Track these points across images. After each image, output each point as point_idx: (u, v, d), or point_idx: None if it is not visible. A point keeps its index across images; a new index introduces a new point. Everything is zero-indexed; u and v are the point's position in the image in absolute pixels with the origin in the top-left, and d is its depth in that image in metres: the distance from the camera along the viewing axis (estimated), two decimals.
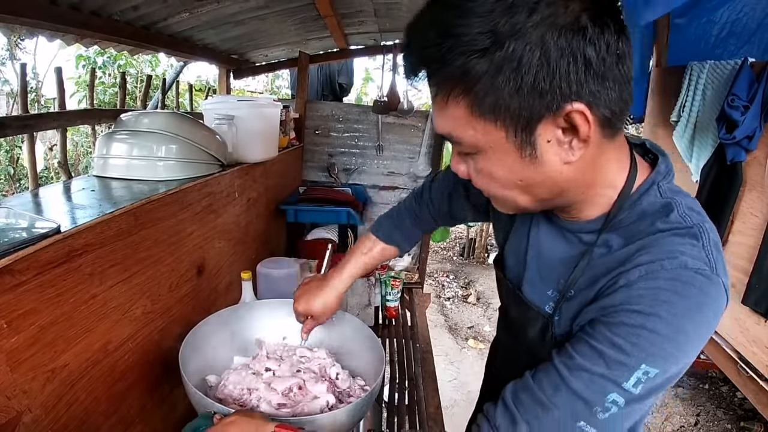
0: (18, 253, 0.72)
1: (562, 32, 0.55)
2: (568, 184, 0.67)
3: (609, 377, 0.62)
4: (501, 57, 0.56)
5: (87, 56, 5.92)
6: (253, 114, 1.75)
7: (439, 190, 1.14)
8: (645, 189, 0.71)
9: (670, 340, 0.61)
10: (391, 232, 1.20)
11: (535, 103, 0.58)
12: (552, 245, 0.82)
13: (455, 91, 0.60)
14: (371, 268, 1.22)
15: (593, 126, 0.60)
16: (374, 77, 8.50)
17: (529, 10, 0.54)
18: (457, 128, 0.64)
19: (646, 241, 0.66)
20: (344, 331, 1.33)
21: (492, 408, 0.73)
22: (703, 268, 0.62)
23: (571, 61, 0.56)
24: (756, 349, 2.36)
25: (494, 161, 0.65)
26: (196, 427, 0.87)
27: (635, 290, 0.63)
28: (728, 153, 2.51)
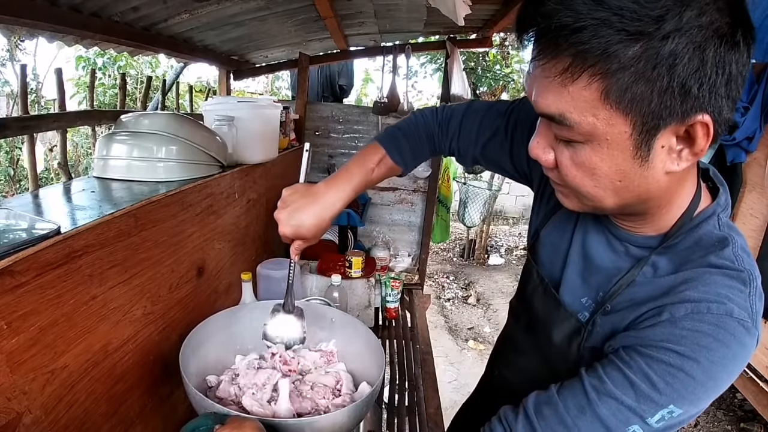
0: (18, 254, 0.72)
1: (722, 42, 0.52)
2: (657, 194, 0.65)
3: (636, 410, 0.62)
4: (662, 49, 0.52)
5: (87, 57, 5.93)
6: (253, 115, 1.75)
7: (474, 130, 1.01)
8: (705, 217, 0.69)
9: (702, 385, 0.61)
10: (403, 150, 1.04)
11: (673, 106, 0.55)
12: (598, 251, 0.79)
13: (592, 69, 0.54)
14: (372, 185, 1.04)
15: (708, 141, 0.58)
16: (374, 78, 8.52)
17: (700, 10, 0.51)
18: (575, 110, 0.57)
19: (696, 273, 0.65)
20: (344, 332, 1.33)
21: (511, 415, 0.73)
22: (746, 320, 0.62)
23: (720, 73, 0.53)
24: (756, 350, 2.36)
25: (604, 155, 0.60)
26: (196, 427, 0.87)
27: (678, 329, 0.62)
28: (728, 154, 2.51)
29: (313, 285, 1.91)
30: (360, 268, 1.99)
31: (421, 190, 3.04)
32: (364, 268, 2.01)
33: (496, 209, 6.73)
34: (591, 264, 0.80)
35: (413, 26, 2.73)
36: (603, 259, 0.78)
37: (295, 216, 0.96)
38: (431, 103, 8.80)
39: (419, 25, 2.68)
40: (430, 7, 2.03)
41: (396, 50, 2.86)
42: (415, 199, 3.06)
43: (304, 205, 0.96)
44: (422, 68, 8.10)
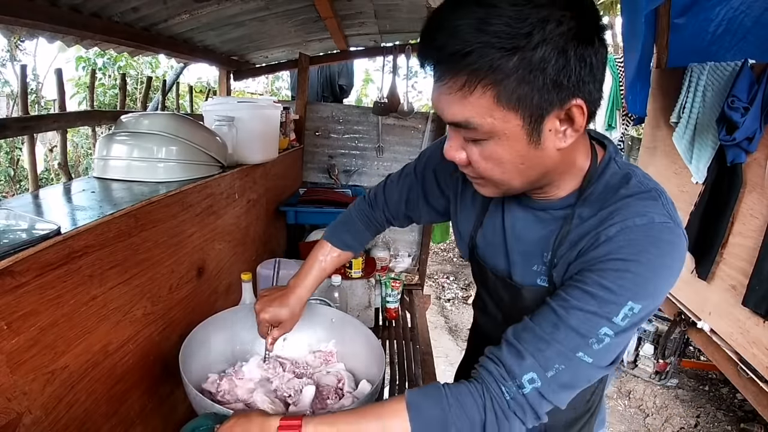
0: (18, 255, 0.72)
1: (579, 42, 0.66)
2: (554, 166, 0.78)
3: (600, 314, 0.73)
4: (533, 57, 0.65)
5: (87, 58, 5.93)
6: (253, 115, 1.75)
7: (395, 194, 1.20)
8: (605, 164, 0.83)
9: (650, 280, 0.73)
10: (344, 238, 1.23)
11: (551, 98, 0.68)
12: (528, 227, 0.91)
13: (484, 81, 0.67)
14: (329, 274, 1.24)
15: (585, 119, 0.71)
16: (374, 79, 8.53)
17: (558, 22, 0.64)
18: (477, 115, 0.70)
19: (616, 205, 0.77)
20: (344, 332, 1.33)
21: (495, 349, 0.81)
22: (668, 222, 0.74)
23: (583, 66, 0.67)
24: (756, 350, 2.36)
25: (505, 146, 0.72)
26: (196, 427, 0.87)
27: (616, 243, 0.74)
28: (728, 154, 2.50)
29: None
30: (360, 268, 1.99)
31: None
32: (364, 268, 2.01)
33: None
34: (527, 240, 0.91)
35: (413, 26, 2.73)
36: (535, 231, 0.90)
37: (271, 307, 1.13)
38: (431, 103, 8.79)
39: (419, 25, 2.65)
40: (430, 8, 2.03)
41: (396, 50, 2.86)
42: None
43: (277, 297, 1.15)
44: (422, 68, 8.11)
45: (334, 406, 1.13)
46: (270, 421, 0.79)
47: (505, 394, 0.75)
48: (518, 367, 0.75)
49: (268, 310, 1.13)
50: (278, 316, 1.13)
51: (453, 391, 0.77)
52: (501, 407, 0.75)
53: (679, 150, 2.92)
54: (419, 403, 0.77)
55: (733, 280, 2.51)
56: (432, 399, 0.77)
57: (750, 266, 2.37)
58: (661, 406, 3.52)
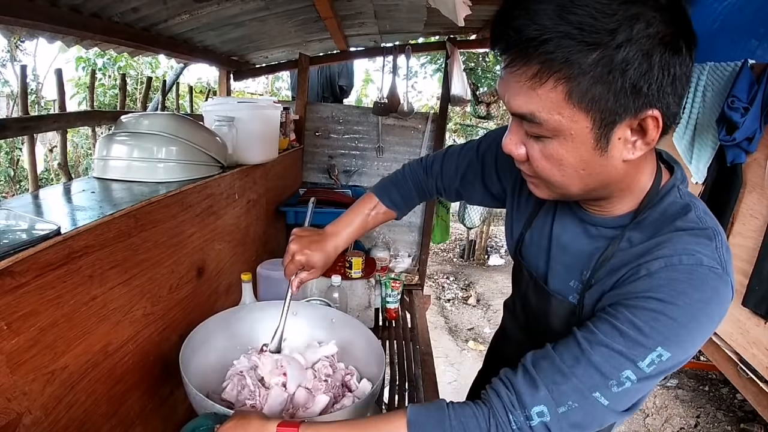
0: (18, 255, 0.72)
1: (666, 49, 0.61)
2: (616, 179, 0.73)
3: (627, 355, 0.68)
4: (615, 57, 0.60)
5: (87, 58, 5.93)
6: (253, 116, 1.75)
7: (453, 166, 1.16)
8: (667, 190, 0.78)
9: (684, 327, 0.67)
10: (394, 197, 1.20)
11: (627, 104, 0.63)
12: (576, 238, 0.87)
13: (557, 74, 0.63)
14: (370, 229, 1.21)
15: (659, 132, 0.67)
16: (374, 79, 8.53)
17: (647, 23, 0.60)
18: (543, 110, 0.66)
19: (666, 237, 0.72)
20: (344, 332, 1.33)
21: (511, 373, 0.77)
22: (716, 267, 0.68)
23: (666, 74, 0.63)
24: (756, 350, 2.36)
25: (569, 148, 0.69)
26: (196, 427, 0.87)
27: (656, 280, 0.69)
28: (728, 155, 2.50)
29: (313, 286, 1.90)
30: (360, 268, 1.99)
31: None
32: (364, 268, 2.01)
33: (496, 210, 6.73)
34: (571, 251, 0.88)
35: (413, 27, 2.73)
36: (581, 245, 0.86)
37: (308, 248, 1.10)
38: (431, 103, 8.80)
39: (419, 25, 2.68)
40: (430, 8, 2.03)
41: (396, 51, 2.86)
42: None
43: (315, 241, 1.12)
44: (422, 69, 8.11)
45: (335, 407, 1.13)
46: (268, 424, 0.79)
47: (512, 423, 0.72)
48: (530, 397, 0.72)
49: (305, 252, 1.10)
50: (312, 261, 1.10)
51: (457, 412, 0.74)
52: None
53: (679, 150, 2.92)
54: (421, 422, 0.75)
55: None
56: (434, 419, 0.74)
57: (750, 266, 2.38)
58: (661, 407, 3.52)
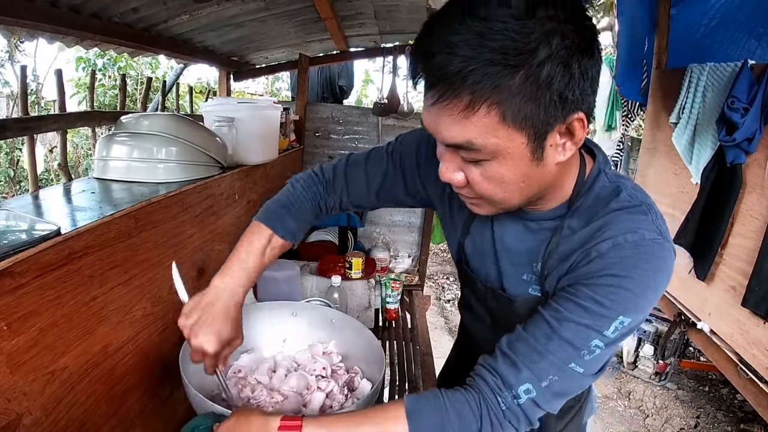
0: (18, 256, 0.72)
1: (582, 55, 0.64)
2: (551, 181, 0.78)
3: (593, 327, 0.75)
4: (540, 73, 0.62)
5: (87, 58, 5.93)
6: (253, 116, 1.75)
7: (362, 179, 1.07)
8: (594, 176, 0.83)
9: (640, 295, 0.74)
10: (289, 226, 1.03)
11: (556, 113, 0.66)
12: (518, 236, 0.91)
13: (489, 101, 0.64)
14: (264, 269, 1.02)
15: (585, 131, 0.71)
16: (374, 79, 8.52)
17: (562, 35, 0.62)
18: (480, 136, 0.67)
19: (606, 219, 0.78)
20: (344, 333, 1.33)
21: (490, 359, 0.81)
22: (658, 238, 0.75)
23: (585, 78, 0.66)
24: (756, 351, 2.35)
25: (509, 166, 0.70)
26: (195, 427, 0.87)
27: (608, 259, 0.75)
28: (728, 155, 2.50)
29: (313, 286, 1.90)
30: (360, 269, 1.99)
31: None
32: (364, 269, 2.01)
33: None
34: (516, 250, 0.91)
35: (413, 27, 2.73)
36: (525, 241, 0.89)
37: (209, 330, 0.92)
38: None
39: (419, 26, 2.67)
40: (430, 8, 2.04)
41: (396, 51, 2.86)
42: None
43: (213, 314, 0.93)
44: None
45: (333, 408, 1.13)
46: (270, 421, 0.80)
47: (501, 404, 0.77)
48: (514, 378, 0.77)
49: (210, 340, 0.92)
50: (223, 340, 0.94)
51: (451, 399, 0.78)
52: (497, 416, 0.77)
53: (679, 150, 2.92)
54: (419, 410, 0.78)
55: (732, 281, 2.51)
56: (431, 406, 0.78)
57: (750, 267, 2.37)
58: (661, 407, 3.52)
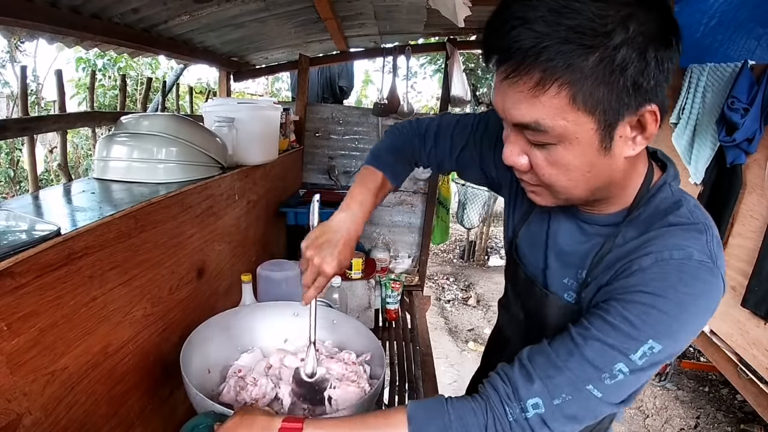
0: (18, 256, 0.72)
1: (659, 44, 0.62)
2: (617, 177, 0.74)
3: (619, 348, 0.69)
4: (615, 57, 0.61)
5: (87, 59, 5.93)
6: (253, 116, 1.75)
7: (448, 144, 1.10)
8: (659, 187, 0.79)
9: (675, 319, 0.68)
10: (397, 170, 1.11)
11: (629, 102, 0.64)
12: (572, 236, 0.88)
13: (560, 80, 0.62)
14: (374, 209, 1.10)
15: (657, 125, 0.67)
16: (374, 80, 8.53)
17: (640, 22, 0.61)
18: (548, 117, 0.65)
19: (658, 232, 0.73)
20: (344, 333, 1.33)
21: (508, 367, 0.79)
22: (707, 261, 0.69)
23: (661, 69, 0.63)
24: (756, 351, 2.36)
25: (575, 152, 0.68)
26: (195, 426, 0.87)
27: (647, 275, 0.70)
28: (728, 155, 2.50)
29: None
30: (360, 269, 1.99)
31: (422, 191, 3.04)
32: (365, 269, 2.01)
33: (496, 210, 6.73)
34: (567, 249, 0.88)
35: (413, 28, 2.73)
36: (578, 242, 0.86)
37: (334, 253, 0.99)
38: (431, 104, 8.81)
39: (419, 26, 2.68)
40: (430, 9, 2.04)
41: (396, 51, 2.86)
42: (415, 201, 3.07)
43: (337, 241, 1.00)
44: (422, 69, 8.11)
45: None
46: (273, 421, 0.80)
47: (509, 415, 0.74)
48: (525, 390, 0.74)
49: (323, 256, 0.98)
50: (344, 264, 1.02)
51: (455, 407, 0.76)
52: (503, 427, 0.74)
53: (679, 151, 2.92)
54: (420, 417, 0.77)
55: (732, 281, 2.51)
56: (433, 413, 0.76)
57: (749, 267, 2.38)
58: (661, 407, 3.52)
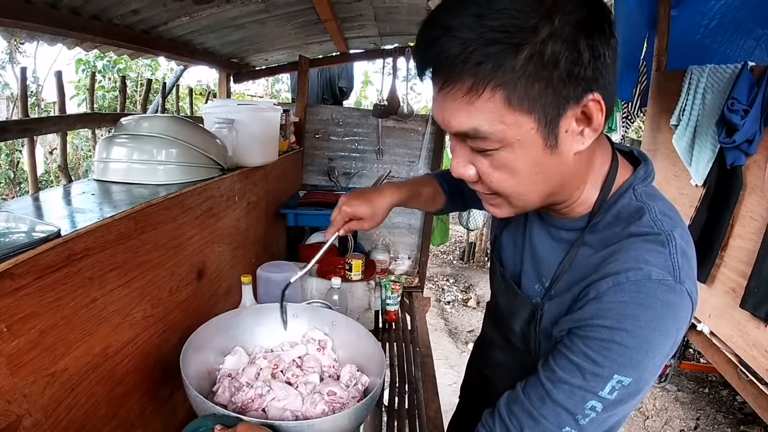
0: (18, 257, 0.72)
1: (592, 32, 0.61)
2: (569, 176, 0.72)
3: (586, 388, 0.68)
4: (544, 52, 0.59)
5: (87, 60, 5.93)
6: (253, 118, 1.75)
7: None
8: (622, 192, 0.76)
9: (637, 350, 0.65)
10: (451, 184, 1.23)
11: (567, 93, 0.62)
12: (542, 241, 0.87)
13: (492, 82, 0.61)
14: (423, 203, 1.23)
15: (603, 115, 0.65)
16: (374, 81, 8.53)
17: (565, 12, 0.59)
18: (486, 122, 0.64)
19: (619, 245, 0.70)
20: (344, 335, 1.33)
21: (490, 420, 0.79)
22: (666, 278, 0.66)
23: (597, 58, 0.62)
24: (756, 353, 2.36)
25: (519, 154, 0.66)
26: (196, 428, 0.87)
27: (604, 303, 0.67)
28: (728, 157, 2.51)
29: (314, 288, 1.90)
30: (360, 270, 1.99)
31: None
32: (364, 270, 2.01)
33: None
34: (538, 254, 0.88)
35: (413, 29, 2.73)
36: (545, 247, 0.86)
37: (355, 200, 1.12)
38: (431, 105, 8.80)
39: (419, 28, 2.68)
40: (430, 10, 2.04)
41: (396, 53, 2.86)
42: None
43: (365, 195, 1.13)
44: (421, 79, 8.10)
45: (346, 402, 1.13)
46: None
47: None
48: None
49: (353, 203, 1.11)
50: (358, 212, 1.12)
51: None
52: None
53: (679, 152, 2.92)
54: None
55: (732, 283, 2.52)
56: None
57: (749, 268, 2.38)
58: (661, 409, 3.52)
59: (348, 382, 1.20)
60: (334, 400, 1.12)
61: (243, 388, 1.13)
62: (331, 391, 1.13)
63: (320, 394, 1.13)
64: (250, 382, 1.15)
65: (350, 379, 1.20)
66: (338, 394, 1.13)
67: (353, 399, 1.14)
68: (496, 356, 1.09)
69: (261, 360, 1.24)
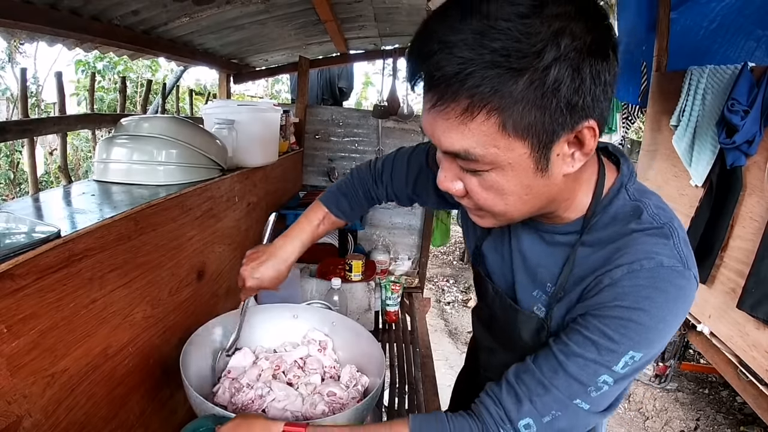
0: (18, 258, 0.72)
1: (595, 58, 0.59)
2: (559, 194, 0.72)
3: (601, 362, 0.71)
4: (546, 78, 0.57)
5: (86, 61, 5.93)
6: (253, 118, 1.76)
7: (403, 173, 1.14)
8: (614, 193, 0.77)
9: (652, 329, 0.69)
10: (342, 206, 1.19)
11: (563, 121, 0.61)
12: (533, 246, 0.86)
13: (488, 106, 0.59)
14: (318, 239, 1.21)
15: (596, 140, 0.65)
16: (374, 81, 8.53)
17: (572, 36, 0.57)
18: (478, 145, 0.63)
19: (624, 241, 0.72)
20: (344, 335, 1.33)
21: (496, 388, 0.80)
22: (677, 265, 0.69)
23: (598, 84, 0.60)
24: (756, 353, 2.35)
25: (510, 177, 0.66)
26: (196, 429, 0.87)
27: (620, 288, 0.70)
28: (728, 157, 2.50)
29: (314, 288, 1.90)
30: (360, 271, 1.99)
31: None
32: (364, 271, 2.01)
33: None
34: (532, 260, 0.86)
35: (413, 30, 2.72)
36: (539, 253, 0.85)
37: (258, 269, 1.13)
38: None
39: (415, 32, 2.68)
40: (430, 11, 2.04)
41: (396, 53, 2.86)
42: None
43: (265, 260, 1.14)
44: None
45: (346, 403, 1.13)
46: (273, 426, 0.80)
47: None
48: (516, 412, 0.75)
49: (256, 274, 1.13)
50: (264, 284, 1.13)
51: (455, 425, 0.78)
52: None
53: (679, 152, 2.92)
54: (422, 430, 0.79)
55: (732, 283, 2.51)
56: (435, 430, 0.78)
57: (747, 269, 2.37)
58: (661, 409, 3.52)
59: (348, 382, 1.20)
60: (334, 401, 1.12)
61: (243, 389, 1.13)
62: (331, 392, 1.13)
63: (320, 395, 1.13)
64: (250, 383, 1.15)
65: (350, 380, 1.20)
66: (338, 394, 1.13)
67: (353, 399, 1.14)
68: (499, 360, 1.06)
69: (263, 361, 1.24)
